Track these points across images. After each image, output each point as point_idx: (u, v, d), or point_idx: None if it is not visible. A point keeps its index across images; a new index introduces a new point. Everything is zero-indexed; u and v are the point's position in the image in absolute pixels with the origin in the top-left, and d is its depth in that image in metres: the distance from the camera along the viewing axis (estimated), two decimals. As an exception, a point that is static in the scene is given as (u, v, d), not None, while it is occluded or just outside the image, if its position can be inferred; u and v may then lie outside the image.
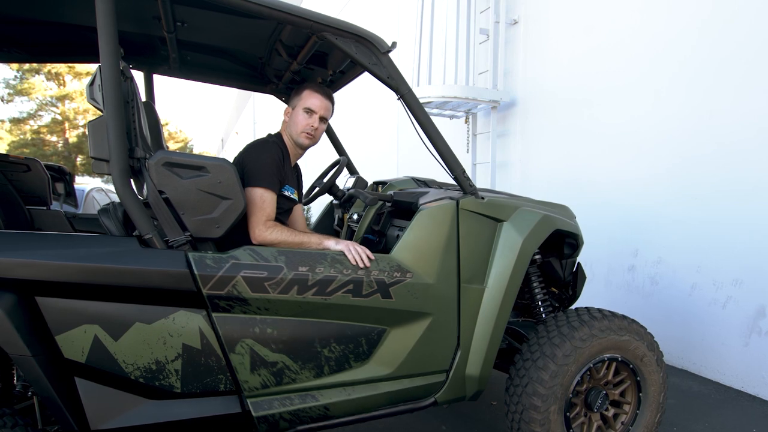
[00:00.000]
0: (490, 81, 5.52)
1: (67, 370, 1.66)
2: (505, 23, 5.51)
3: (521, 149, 5.47)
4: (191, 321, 1.76)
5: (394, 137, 8.45)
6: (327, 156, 3.62)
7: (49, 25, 2.43)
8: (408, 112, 2.17)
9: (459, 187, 2.29)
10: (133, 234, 1.80)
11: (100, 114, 1.74)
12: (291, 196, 2.30)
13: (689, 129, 3.70)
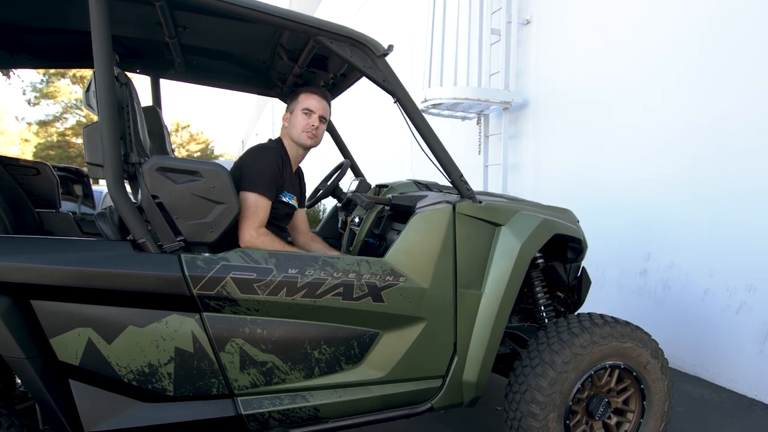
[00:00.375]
0: (502, 82, 5.47)
1: (62, 372, 1.69)
2: (518, 23, 5.45)
3: (533, 150, 5.41)
4: (184, 325, 1.77)
5: (408, 139, 8.42)
6: (333, 158, 3.62)
7: (56, 32, 2.47)
8: (405, 115, 2.15)
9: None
10: (128, 238, 1.82)
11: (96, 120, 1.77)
12: (289, 201, 2.31)
13: (703, 128, 3.62)
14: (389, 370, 2.04)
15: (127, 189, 1.83)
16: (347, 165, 2.96)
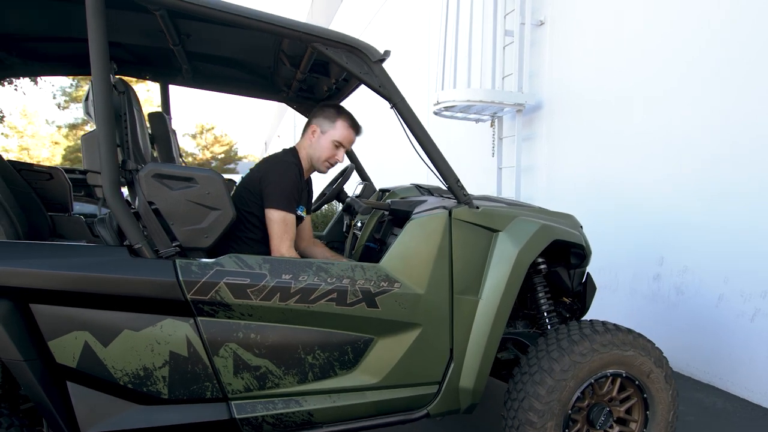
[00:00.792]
0: (515, 84, 5.42)
1: (60, 374, 1.73)
2: (531, 24, 5.40)
3: (547, 152, 5.35)
4: (178, 329, 1.80)
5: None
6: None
7: (63, 40, 2.54)
8: (401, 121, 2.16)
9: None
10: (124, 244, 1.86)
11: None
12: (300, 214, 2.40)
13: (718, 130, 3.53)
14: (384, 375, 2.04)
15: (126, 195, 1.88)
16: (351, 169, 2.97)
